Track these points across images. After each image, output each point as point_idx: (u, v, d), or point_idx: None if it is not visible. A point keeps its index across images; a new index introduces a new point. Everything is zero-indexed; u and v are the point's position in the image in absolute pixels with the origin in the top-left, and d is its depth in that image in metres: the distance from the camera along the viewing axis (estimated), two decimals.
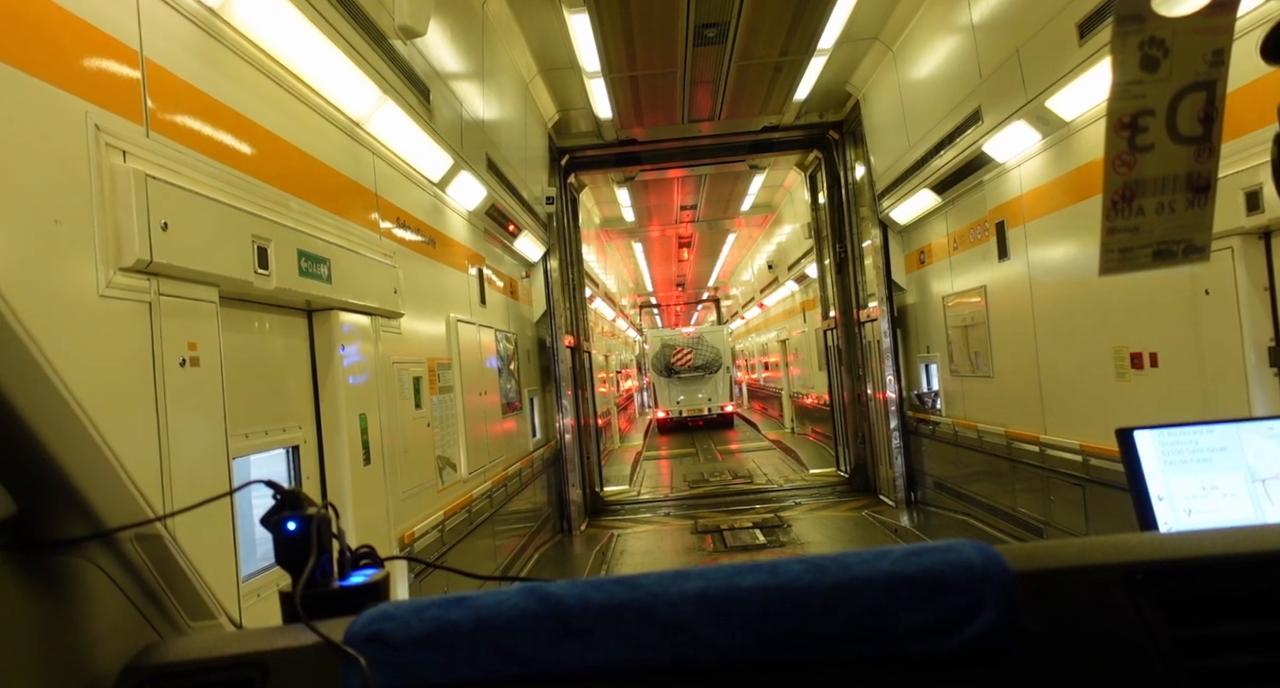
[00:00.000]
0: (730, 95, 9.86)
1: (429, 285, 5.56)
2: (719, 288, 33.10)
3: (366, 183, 4.50)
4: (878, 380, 10.66)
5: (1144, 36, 0.95)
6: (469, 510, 5.81)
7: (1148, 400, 4.92)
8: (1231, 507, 1.29)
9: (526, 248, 9.09)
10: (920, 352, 9.52)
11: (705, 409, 23.67)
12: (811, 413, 17.10)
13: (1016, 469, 7.00)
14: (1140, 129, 0.99)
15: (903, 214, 9.25)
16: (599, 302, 17.40)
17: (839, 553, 0.92)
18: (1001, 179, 6.81)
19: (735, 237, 21.43)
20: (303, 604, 0.95)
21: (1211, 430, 1.32)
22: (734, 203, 16.67)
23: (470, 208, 6.66)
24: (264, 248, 3.09)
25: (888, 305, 9.95)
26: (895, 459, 10.08)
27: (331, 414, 3.87)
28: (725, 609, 0.87)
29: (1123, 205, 1.02)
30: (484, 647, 0.86)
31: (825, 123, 11.12)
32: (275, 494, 1.04)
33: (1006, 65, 6.04)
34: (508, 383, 7.91)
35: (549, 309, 10.02)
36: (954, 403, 8.59)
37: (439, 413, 5.41)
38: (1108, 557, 0.94)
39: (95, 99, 2.31)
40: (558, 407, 10.25)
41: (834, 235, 12.02)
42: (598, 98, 9.25)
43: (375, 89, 4.27)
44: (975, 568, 0.87)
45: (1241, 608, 0.89)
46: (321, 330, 3.87)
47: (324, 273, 3.62)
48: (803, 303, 16.65)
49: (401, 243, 4.97)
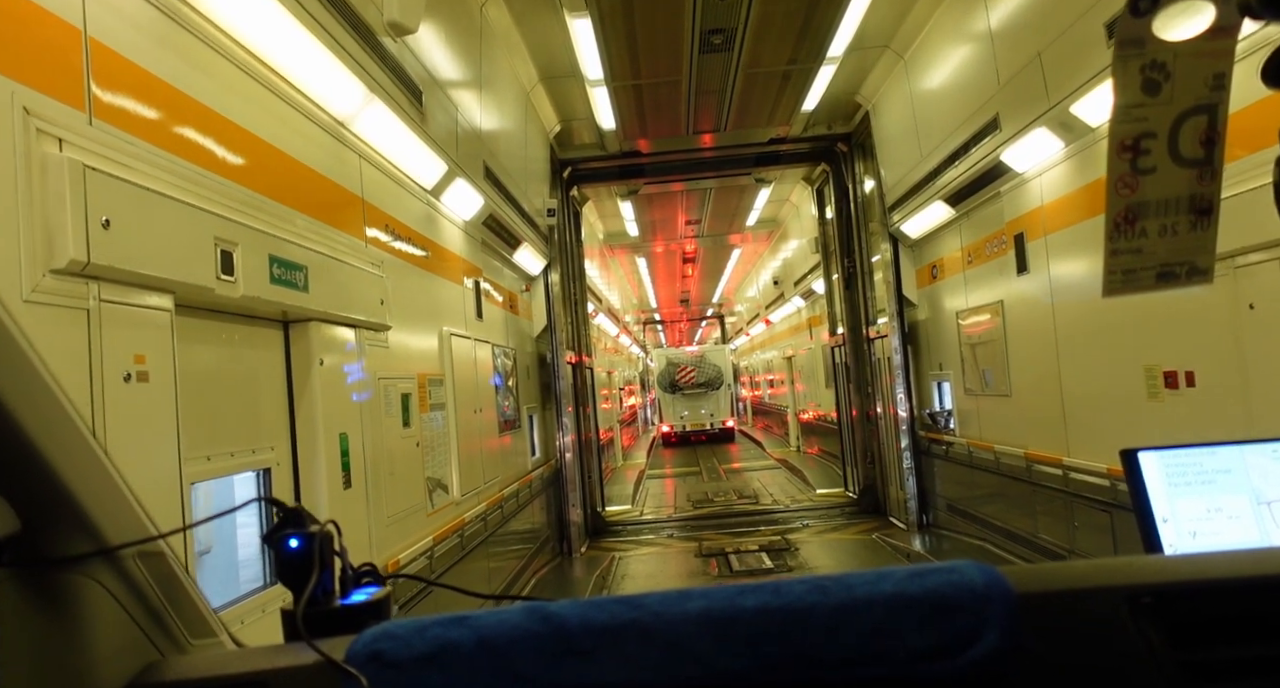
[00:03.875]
0: (736, 106, 9.62)
1: (421, 297, 5.29)
2: (723, 305, 32.84)
3: (352, 187, 4.24)
4: (888, 399, 10.35)
5: (1145, 60, 0.95)
6: (461, 535, 5.50)
7: (1184, 422, 4.61)
8: (1236, 529, 1.28)
9: (527, 261, 8.83)
10: (932, 369, 9.21)
11: (708, 424, 24.52)
12: (817, 430, 16.76)
13: (1036, 493, 6.67)
14: (1142, 152, 1.00)
15: (914, 228, 8.97)
16: (602, 317, 17.12)
17: (841, 573, 0.91)
18: (1020, 190, 6.54)
19: (740, 252, 21.17)
20: (304, 622, 0.94)
21: (1215, 452, 1.31)
22: (739, 217, 16.42)
23: (466, 218, 6.40)
24: (229, 252, 2.81)
25: (898, 321, 9.66)
26: (907, 480, 9.74)
27: (308, 434, 3.58)
28: (727, 630, 0.86)
29: (1125, 227, 1.02)
30: (485, 667, 0.85)
31: (833, 135, 10.89)
32: (277, 512, 1.04)
33: (1027, 70, 5.78)
34: (505, 400, 7.62)
35: (549, 324, 9.74)
36: (968, 422, 8.27)
37: (430, 432, 5.11)
38: (1112, 579, 0.94)
39: (24, 78, 2.04)
40: (558, 424, 9.95)
41: (842, 250, 11.75)
42: (600, 107, 9.02)
43: (361, 87, 4.01)
44: (978, 590, 0.86)
45: (1245, 632, 0.88)
46: (299, 343, 3.59)
47: (300, 281, 3.34)
48: (809, 319, 16.36)
49: (391, 252, 4.71)
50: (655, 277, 24.30)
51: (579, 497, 10.38)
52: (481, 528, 6.12)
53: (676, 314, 35.42)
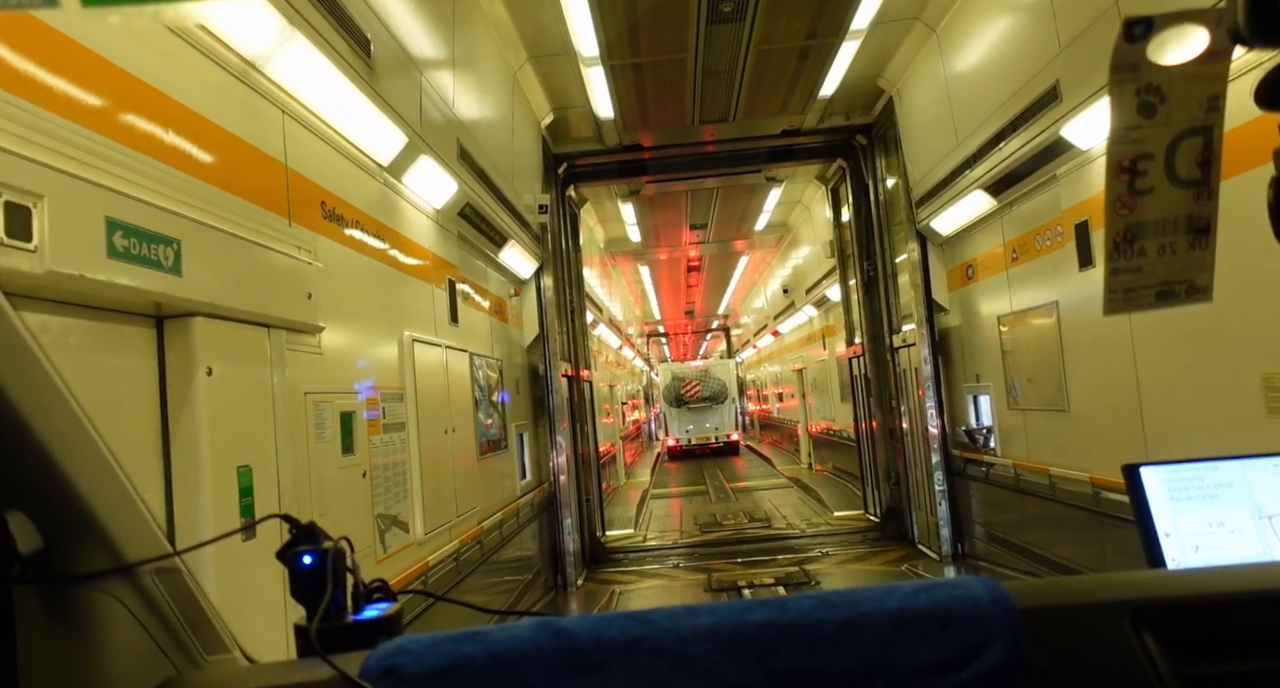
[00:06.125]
0: (747, 90, 8.73)
1: (374, 295, 4.38)
2: (729, 316, 31.91)
3: (271, 150, 3.33)
4: (915, 414, 9.40)
5: (1140, 84, 0.97)
6: (424, 581, 4.55)
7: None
8: (1238, 543, 1.27)
9: (515, 262, 7.91)
10: (967, 381, 8.26)
11: (712, 438, 24.82)
12: (831, 447, 15.77)
13: (1105, 525, 5.70)
14: (1140, 173, 1.01)
15: (946, 223, 8.05)
16: (603, 329, 16.19)
17: (848, 589, 0.92)
18: (1083, 171, 5.61)
19: (747, 260, 20.23)
20: (318, 638, 0.95)
21: (1217, 467, 1.32)
22: (747, 221, 15.49)
23: (437, 206, 5.50)
24: (24, 206, 1.90)
25: (928, 328, 8.71)
26: (939, 504, 8.76)
27: (188, 469, 2.65)
28: (735, 644, 0.87)
29: (1125, 247, 1.04)
30: (498, 682, 0.85)
31: (852, 126, 10.00)
32: (291, 528, 1.06)
33: (1097, 26, 4.87)
34: (488, 417, 6.69)
35: (542, 332, 8.81)
36: (1012, 441, 7.31)
37: (383, 459, 4.19)
38: (1115, 593, 0.95)
39: None
40: (551, 444, 8.99)
41: (861, 253, 10.83)
42: (597, 91, 8.13)
43: (276, 16, 3.11)
44: (983, 604, 0.87)
45: (1247, 646, 0.88)
46: (175, 346, 2.66)
47: (168, 259, 2.43)
48: (823, 329, 15.40)
49: (330, 236, 3.80)
50: (659, 286, 23.37)
51: (576, 523, 9.42)
52: (454, 570, 5.16)
53: (681, 326, 34.50)
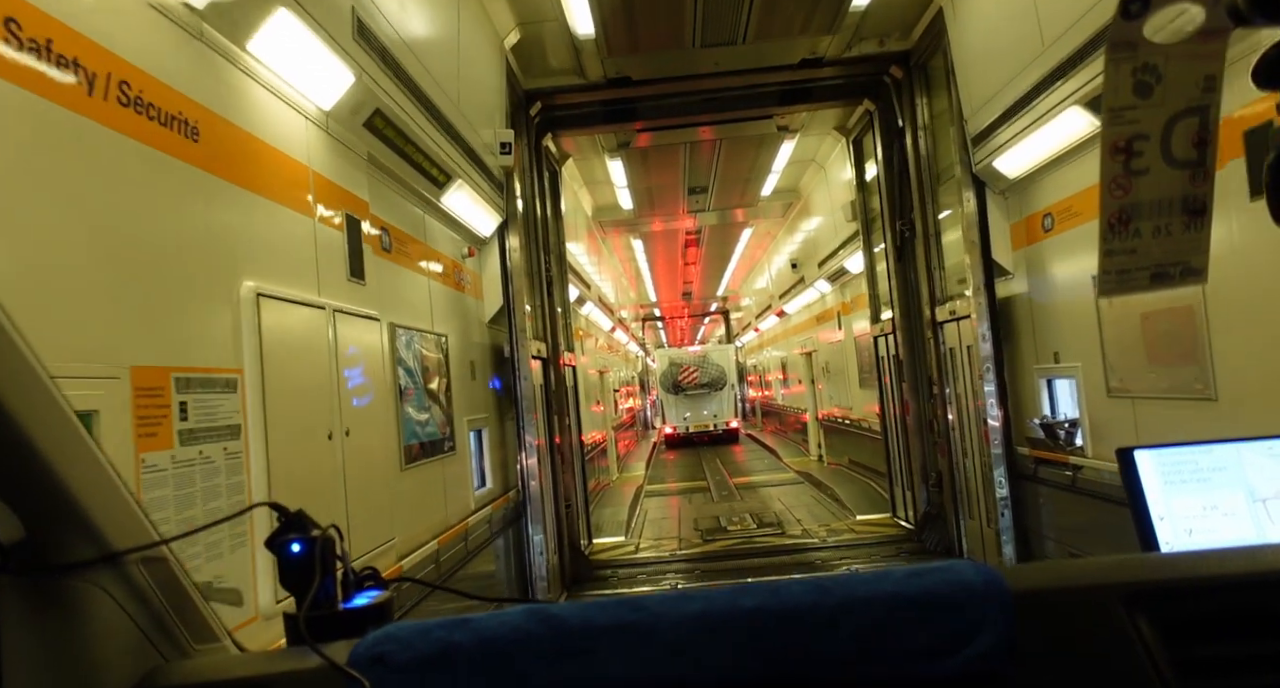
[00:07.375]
0: (760, 2, 6.97)
1: (166, 217, 2.63)
2: (728, 298, 30.16)
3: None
4: (966, 402, 7.70)
5: (1136, 63, 0.95)
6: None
7: None
8: (1232, 526, 1.27)
9: (467, 211, 6.16)
10: (1040, 361, 6.54)
11: (711, 425, 24.07)
12: (846, 436, 14.08)
13: None
14: (1135, 153, 1.00)
15: (1016, 161, 6.31)
16: (592, 307, 14.45)
17: (842, 573, 0.92)
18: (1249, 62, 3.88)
19: (750, 233, 18.47)
20: (307, 626, 0.95)
21: (1211, 450, 1.31)
22: (754, 183, 13.70)
23: (323, 104, 3.75)
24: None
25: (986, 296, 7.00)
26: (999, 514, 7.07)
27: None
28: (727, 629, 0.87)
29: (1119, 228, 1.03)
30: (487, 668, 0.85)
31: (885, 55, 8.25)
32: (279, 516, 1.04)
33: None
34: (422, 411, 4.97)
35: (506, 304, 7.07)
36: (1111, 437, 5.61)
37: (177, 490, 2.47)
38: (1107, 577, 0.95)
39: None
40: (520, 442, 7.28)
41: (893, 212, 9.09)
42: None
43: None
44: (975, 588, 0.88)
45: (1240, 629, 0.89)
46: None
47: None
48: (839, 306, 13.67)
49: (57, 101, 2.07)
50: (654, 264, 21.59)
51: (551, 536, 7.73)
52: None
53: (678, 309, 32.73)
